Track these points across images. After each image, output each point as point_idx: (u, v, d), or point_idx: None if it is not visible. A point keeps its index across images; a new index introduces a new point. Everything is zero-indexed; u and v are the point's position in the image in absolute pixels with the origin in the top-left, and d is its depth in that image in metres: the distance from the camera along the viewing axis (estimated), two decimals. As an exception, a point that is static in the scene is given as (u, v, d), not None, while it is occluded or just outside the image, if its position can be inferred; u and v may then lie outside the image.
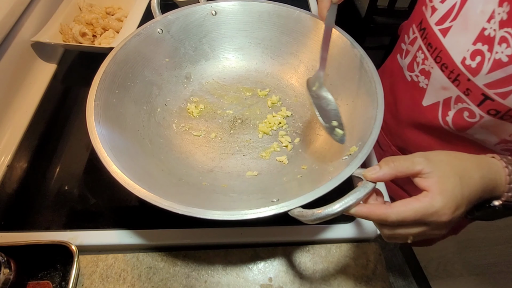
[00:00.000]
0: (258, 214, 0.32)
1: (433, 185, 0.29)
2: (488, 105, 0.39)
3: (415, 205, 0.28)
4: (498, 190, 0.31)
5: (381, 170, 0.31)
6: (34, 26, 0.63)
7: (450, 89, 0.42)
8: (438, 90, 0.44)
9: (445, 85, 0.42)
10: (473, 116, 0.41)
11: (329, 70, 0.52)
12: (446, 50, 0.40)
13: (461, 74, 0.40)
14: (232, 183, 0.45)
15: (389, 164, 0.31)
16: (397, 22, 1.52)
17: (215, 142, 0.50)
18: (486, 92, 0.38)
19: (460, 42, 0.39)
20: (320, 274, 0.44)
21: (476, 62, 0.38)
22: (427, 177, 0.29)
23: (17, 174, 0.50)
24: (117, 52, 0.47)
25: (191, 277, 0.43)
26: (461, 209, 0.29)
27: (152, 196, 0.34)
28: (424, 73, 0.46)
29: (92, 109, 0.40)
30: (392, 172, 0.31)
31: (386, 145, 0.59)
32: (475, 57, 0.38)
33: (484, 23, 0.36)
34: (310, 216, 0.31)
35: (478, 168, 0.31)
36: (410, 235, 0.30)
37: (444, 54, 0.41)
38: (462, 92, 0.41)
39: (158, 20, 0.52)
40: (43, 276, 0.40)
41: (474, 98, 0.40)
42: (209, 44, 0.57)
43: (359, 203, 0.30)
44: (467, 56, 0.38)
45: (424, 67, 0.45)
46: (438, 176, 0.29)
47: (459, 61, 0.39)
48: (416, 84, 0.48)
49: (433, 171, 0.29)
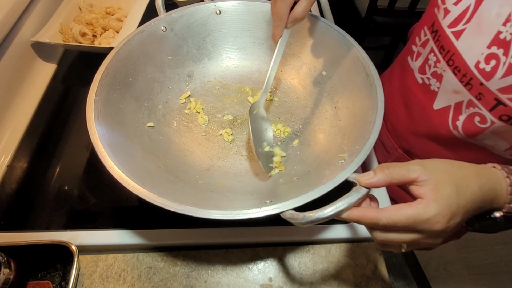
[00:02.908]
0: (250, 214, 0.32)
1: (427, 192, 0.28)
2: (500, 110, 0.38)
3: (407, 211, 0.28)
4: (499, 201, 0.30)
5: (375, 176, 0.31)
6: (34, 26, 0.63)
7: (462, 93, 0.41)
8: (450, 94, 0.43)
9: (457, 88, 0.41)
10: (485, 122, 0.40)
11: (331, 73, 0.52)
12: (459, 53, 0.39)
13: (474, 78, 0.38)
14: (228, 183, 0.45)
15: (384, 170, 0.30)
16: (397, 22, 1.53)
17: (214, 141, 0.50)
18: (499, 97, 0.37)
19: (473, 45, 0.38)
20: (320, 274, 0.44)
21: (490, 66, 0.36)
22: (423, 185, 0.29)
23: (17, 174, 0.50)
24: (120, 48, 0.47)
25: (191, 277, 0.43)
26: (457, 218, 0.28)
27: (147, 193, 0.34)
28: (436, 76, 0.44)
29: (92, 104, 0.41)
30: (386, 179, 0.30)
31: (392, 148, 0.58)
32: (490, 61, 0.36)
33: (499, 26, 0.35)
34: (301, 219, 0.31)
35: (477, 177, 0.30)
36: (402, 242, 0.30)
37: (457, 57, 0.40)
38: (474, 96, 0.40)
39: (162, 18, 0.52)
40: (43, 276, 0.40)
41: (486, 103, 0.39)
42: (213, 43, 0.57)
43: (351, 208, 0.30)
44: (481, 60, 0.37)
45: (436, 70, 0.44)
46: (433, 183, 0.29)
47: (473, 64, 0.38)
48: (427, 87, 0.46)
49: (429, 179, 0.29)
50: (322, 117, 0.51)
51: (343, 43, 0.50)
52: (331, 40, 0.52)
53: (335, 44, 0.51)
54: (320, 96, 0.53)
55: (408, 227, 0.28)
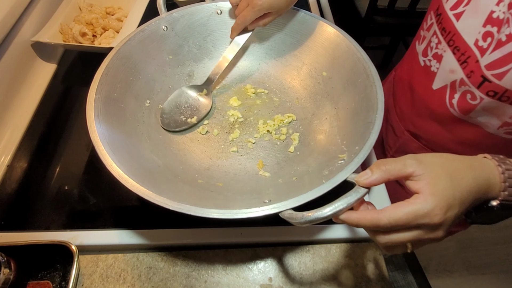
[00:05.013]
0: (248, 214, 0.32)
1: (424, 186, 0.29)
2: (486, 86, 0.40)
3: (407, 207, 0.28)
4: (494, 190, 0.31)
5: (373, 174, 0.31)
6: (34, 26, 0.63)
7: (457, 71, 0.44)
8: (447, 73, 0.46)
9: (454, 67, 0.44)
10: (475, 98, 0.43)
11: (332, 73, 0.52)
12: (459, 33, 0.42)
13: (471, 56, 0.41)
14: (227, 182, 0.45)
15: (381, 167, 0.31)
16: (397, 22, 1.53)
17: (214, 141, 0.50)
18: (485, 73, 0.40)
19: (471, 25, 0.41)
20: (320, 274, 0.44)
21: (487, 43, 0.39)
22: (419, 179, 0.29)
23: (17, 174, 0.50)
24: (121, 47, 0.47)
25: (191, 277, 0.43)
26: (453, 209, 0.29)
27: (146, 192, 0.34)
28: (436, 57, 0.48)
29: (92, 102, 0.41)
30: (384, 175, 0.31)
31: (400, 131, 0.61)
32: (487, 38, 0.39)
33: (493, 6, 0.38)
34: (300, 218, 0.31)
35: (470, 169, 0.30)
36: (406, 241, 0.30)
37: (457, 37, 0.43)
38: (465, 74, 0.43)
39: (163, 17, 0.52)
40: (43, 276, 0.40)
41: (474, 80, 0.42)
42: (213, 42, 0.57)
43: (350, 208, 0.30)
44: (479, 38, 0.40)
45: (437, 51, 0.47)
46: (429, 177, 0.29)
47: (472, 42, 0.41)
48: (428, 68, 0.50)
49: (425, 173, 0.29)
50: (322, 117, 0.51)
51: (344, 43, 0.50)
52: (331, 41, 0.52)
53: (335, 45, 0.51)
54: (320, 96, 0.53)
55: (409, 223, 0.28)
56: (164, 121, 0.50)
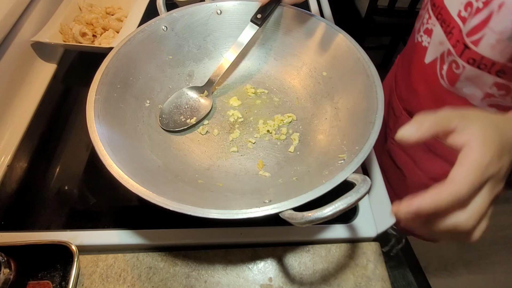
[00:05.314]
0: (248, 214, 0.32)
1: (473, 136, 0.27)
2: (466, 54, 0.43)
3: (469, 164, 0.25)
4: None
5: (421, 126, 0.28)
6: (34, 26, 0.63)
7: (444, 43, 0.46)
8: (437, 46, 0.48)
9: (442, 39, 0.47)
10: (458, 67, 0.46)
11: (332, 73, 0.52)
12: (445, 7, 0.45)
13: (455, 27, 0.44)
14: (228, 182, 0.45)
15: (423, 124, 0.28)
16: (397, 22, 1.53)
17: (214, 141, 0.50)
18: (466, 41, 0.42)
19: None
20: (320, 274, 0.44)
21: (467, 12, 0.42)
22: (464, 130, 0.27)
23: (17, 174, 0.50)
24: (121, 47, 0.47)
25: (191, 277, 0.43)
26: (507, 155, 0.27)
27: (146, 192, 0.34)
28: (427, 32, 0.50)
29: (92, 102, 0.41)
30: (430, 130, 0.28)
31: (399, 111, 0.63)
32: (467, 8, 0.42)
33: None
34: (300, 219, 0.31)
35: (506, 121, 0.30)
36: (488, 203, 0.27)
37: (444, 10, 0.46)
38: (452, 45, 0.45)
39: (162, 17, 0.52)
40: (43, 276, 0.40)
41: (458, 49, 0.44)
42: (213, 43, 0.57)
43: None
44: (461, 9, 0.43)
45: (428, 26, 0.50)
46: (476, 127, 0.27)
47: (456, 14, 0.43)
48: (420, 44, 0.52)
49: (470, 123, 0.28)
50: (322, 117, 0.51)
51: (344, 43, 0.50)
52: (331, 41, 0.52)
53: (335, 45, 0.51)
54: (320, 96, 0.53)
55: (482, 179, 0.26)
56: (163, 121, 0.50)
